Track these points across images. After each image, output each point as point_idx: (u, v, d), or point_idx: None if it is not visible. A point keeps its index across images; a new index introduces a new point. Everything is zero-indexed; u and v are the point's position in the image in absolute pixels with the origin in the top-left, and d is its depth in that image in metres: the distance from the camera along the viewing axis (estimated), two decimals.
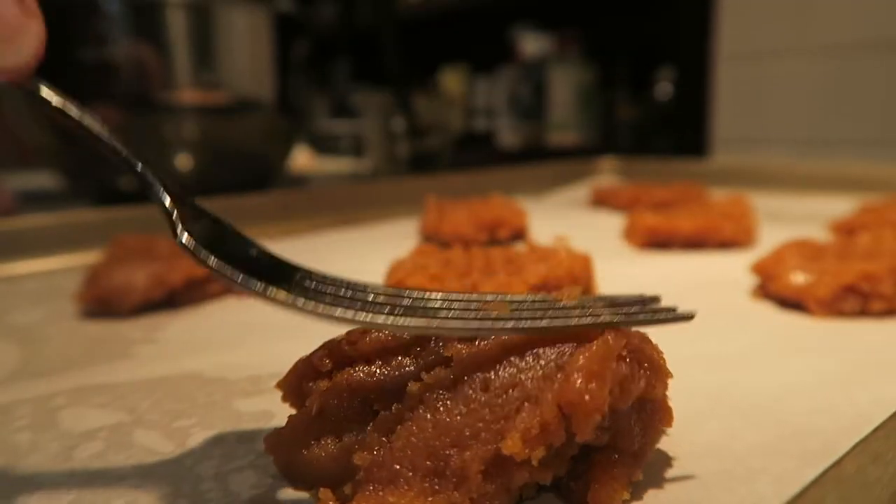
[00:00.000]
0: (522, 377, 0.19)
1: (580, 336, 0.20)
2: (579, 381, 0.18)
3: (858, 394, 0.26)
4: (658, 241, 0.56)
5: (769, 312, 0.38)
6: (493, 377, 0.19)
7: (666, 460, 0.22)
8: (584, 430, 0.18)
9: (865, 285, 0.36)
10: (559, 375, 0.19)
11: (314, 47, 1.30)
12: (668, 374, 0.21)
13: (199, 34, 0.83)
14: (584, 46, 1.71)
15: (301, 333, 0.36)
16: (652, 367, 0.20)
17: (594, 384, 0.18)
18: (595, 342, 0.19)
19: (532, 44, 1.76)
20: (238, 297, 0.44)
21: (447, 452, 0.18)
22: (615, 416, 0.19)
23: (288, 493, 0.20)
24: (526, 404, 0.18)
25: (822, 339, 0.33)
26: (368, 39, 1.78)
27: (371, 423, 0.20)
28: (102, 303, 0.40)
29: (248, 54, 0.88)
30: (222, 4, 0.83)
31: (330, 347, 0.22)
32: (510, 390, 0.19)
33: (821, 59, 1.12)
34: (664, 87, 1.56)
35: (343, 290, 0.22)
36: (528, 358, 0.20)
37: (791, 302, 0.38)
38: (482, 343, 0.20)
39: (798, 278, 0.39)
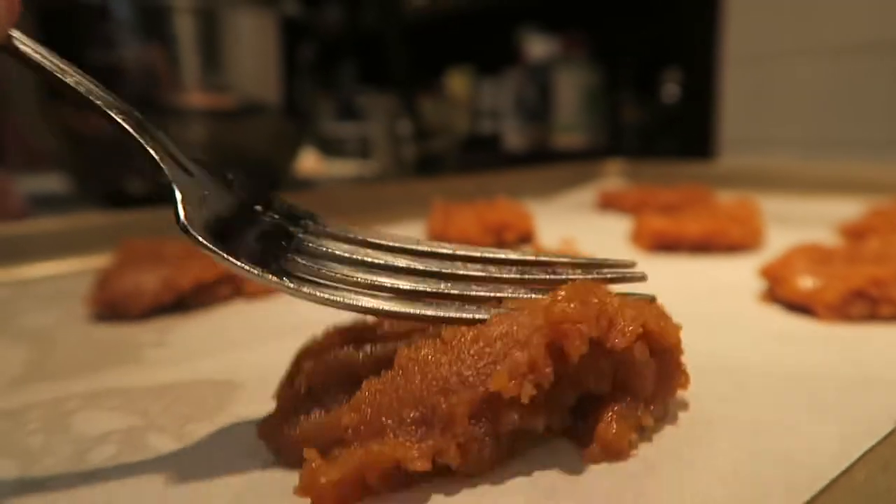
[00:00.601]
0: (512, 327, 0.19)
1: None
2: (562, 303, 0.19)
3: (867, 400, 0.26)
4: (665, 245, 0.56)
5: (777, 317, 0.38)
6: (481, 330, 0.20)
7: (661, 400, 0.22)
8: (573, 342, 0.18)
9: (874, 290, 0.36)
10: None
11: (320, 50, 1.30)
12: (676, 325, 0.21)
13: (206, 38, 0.83)
14: (590, 48, 1.71)
15: (310, 335, 0.36)
16: (657, 313, 0.21)
17: (576, 304, 0.19)
18: (575, 283, 0.20)
19: (538, 46, 1.76)
20: (246, 299, 0.44)
21: (435, 400, 0.18)
22: (617, 360, 0.20)
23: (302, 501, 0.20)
24: (514, 349, 0.18)
25: (831, 344, 0.33)
26: (374, 42, 1.78)
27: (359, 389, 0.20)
28: (112, 306, 0.40)
29: (254, 57, 0.88)
30: (229, 8, 0.84)
31: (324, 332, 0.22)
32: (500, 340, 0.19)
33: (828, 60, 1.12)
34: (670, 90, 1.55)
35: (343, 253, 0.22)
36: (516, 310, 0.20)
37: (799, 306, 0.38)
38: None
39: (806, 282, 0.38)
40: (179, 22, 0.82)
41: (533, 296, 0.22)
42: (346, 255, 0.22)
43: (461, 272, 0.22)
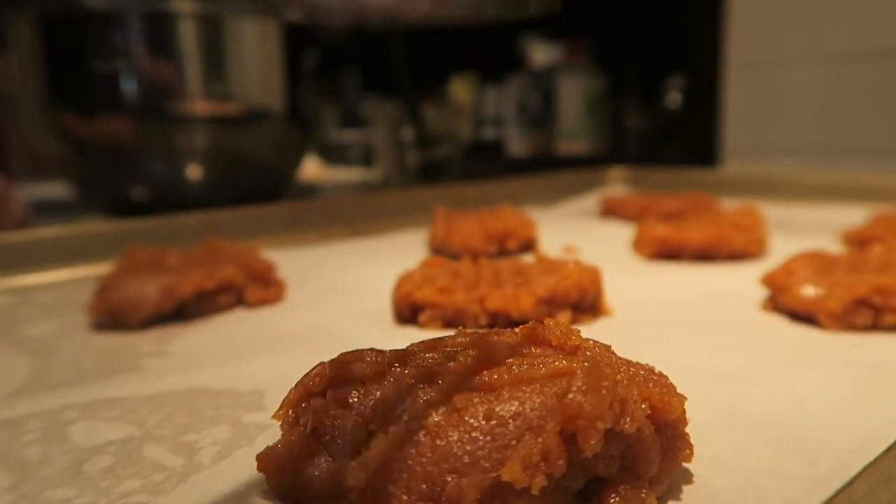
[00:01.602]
0: (525, 408, 0.19)
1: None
2: (577, 395, 0.18)
3: (870, 411, 0.26)
4: (668, 253, 0.56)
5: (780, 325, 0.38)
6: (496, 406, 0.19)
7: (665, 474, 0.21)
8: (588, 440, 0.18)
9: (877, 298, 0.36)
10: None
11: (324, 57, 1.30)
12: (680, 396, 0.21)
13: (210, 45, 0.84)
14: (593, 55, 1.71)
15: (311, 346, 0.36)
16: (660, 386, 0.20)
17: (591, 396, 0.18)
18: (587, 366, 0.20)
19: (541, 53, 1.77)
20: (248, 308, 0.44)
21: (445, 479, 0.18)
22: (626, 442, 0.19)
23: None
24: (527, 434, 0.18)
25: (834, 353, 0.33)
26: (377, 49, 1.78)
27: (366, 444, 0.19)
28: (113, 315, 0.40)
29: (258, 65, 0.88)
30: (233, 16, 0.84)
31: (324, 367, 0.22)
32: (512, 420, 0.19)
33: (832, 67, 1.11)
34: (674, 96, 1.55)
35: None
36: (530, 389, 0.20)
37: (802, 315, 0.38)
38: (486, 371, 0.20)
39: (809, 291, 0.38)
40: (183, 29, 0.82)
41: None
42: None
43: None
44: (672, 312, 0.41)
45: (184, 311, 0.42)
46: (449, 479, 0.18)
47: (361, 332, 0.39)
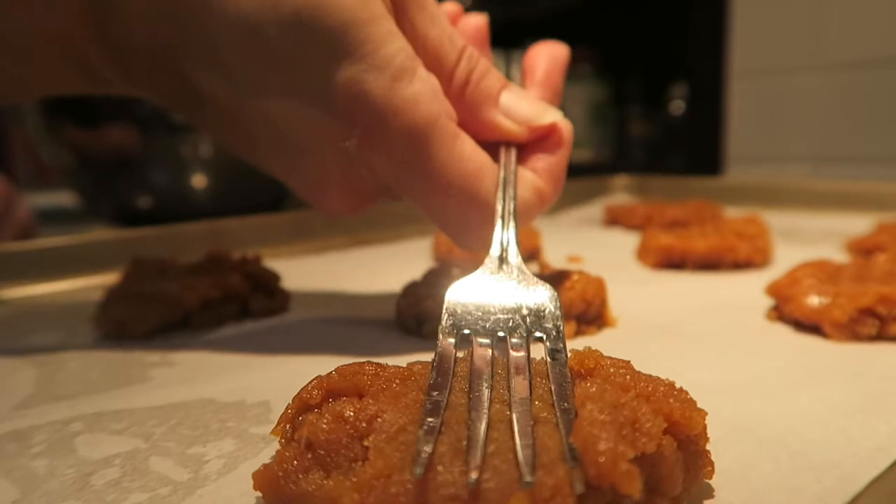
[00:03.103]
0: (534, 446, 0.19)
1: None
2: (593, 454, 0.18)
3: (876, 424, 0.26)
4: (672, 262, 0.56)
5: (785, 335, 0.38)
6: (496, 438, 0.19)
7: (685, 493, 0.21)
8: (625, 488, 0.17)
9: (882, 308, 0.36)
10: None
11: None
12: (701, 411, 0.20)
13: None
14: (596, 64, 1.71)
15: (316, 355, 0.36)
16: (681, 401, 0.20)
17: (608, 450, 0.18)
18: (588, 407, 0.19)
19: None
20: (254, 319, 0.44)
21: None
22: (649, 462, 0.19)
23: None
24: (540, 471, 0.18)
25: (839, 364, 0.33)
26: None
27: (360, 461, 0.19)
28: (118, 325, 0.40)
29: None
30: None
31: (322, 381, 0.22)
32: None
33: (835, 75, 1.11)
34: (677, 104, 1.56)
35: None
36: (541, 431, 0.19)
37: (807, 325, 0.38)
38: (487, 397, 0.20)
39: (813, 301, 0.38)
40: None
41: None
42: None
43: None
44: (676, 322, 0.41)
45: (189, 321, 0.42)
46: None
47: (366, 341, 0.39)
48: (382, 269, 0.59)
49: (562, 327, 0.27)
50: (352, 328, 0.41)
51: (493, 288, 0.30)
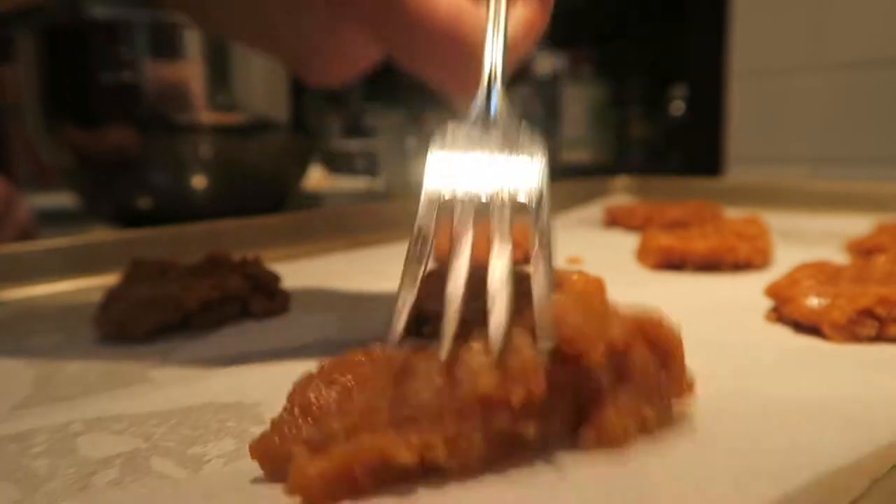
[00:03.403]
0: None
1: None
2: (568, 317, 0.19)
3: (876, 426, 0.26)
4: (672, 263, 0.56)
5: (784, 337, 0.38)
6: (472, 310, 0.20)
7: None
8: (590, 353, 0.19)
9: (881, 310, 0.36)
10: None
11: None
12: (675, 328, 0.22)
13: (215, 56, 0.84)
14: (596, 65, 1.71)
15: (316, 357, 0.36)
16: (653, 316, 0.21)
17: (571, 314, 0.19)
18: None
19: (544, 62, 1.77)
20: (255, 319, 0.44)
21: (424, 399, 0.19)
22: (617, 352, 0.20)
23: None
24: (508, 356, 0.19)
25: (838, 365, 0.33)
26: (382, 58, 1.79)
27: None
28: (118, 326, 0.40)
29: (263, 75, 0.89)
30: None
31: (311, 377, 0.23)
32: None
33: (836, 75, 1.12)
34: (677, 105, 1.56)
35: None
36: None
37: (806, 326, 0.38)
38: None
39: (813, 302, 0.38)
40: (188, 40, 0.82)
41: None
42: None
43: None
44: (675, 323, 0.41)
45: (189, 322, 0.42)
46: (430, 398, 0.19)
47: (366, 342, 0.39)
48: (383, 270, 0.59)
49: (545, 193, 0.27)
50: (352, 329, 0.42)
51: (477, 143, 0.28)
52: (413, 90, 1.49)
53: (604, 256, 0.62)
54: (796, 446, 0.23)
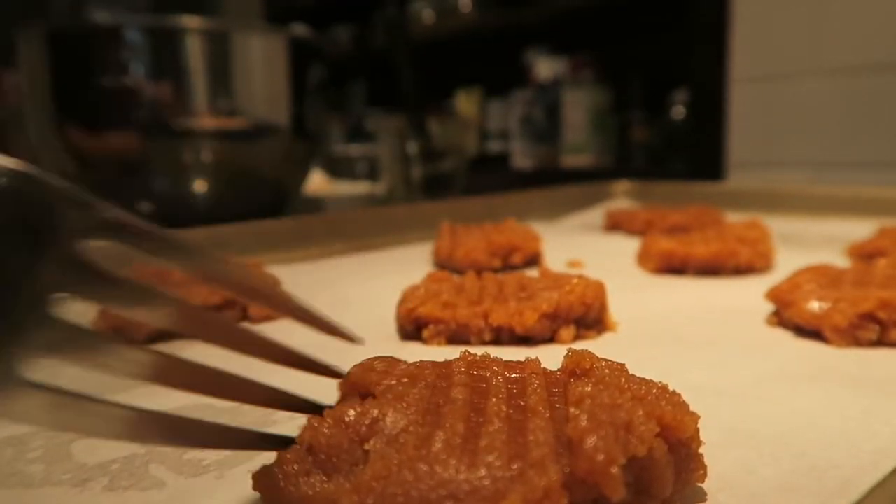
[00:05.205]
0: (528, 439, 0.19)
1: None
2: (589, 448, 0.18)
3: (877, 427, 0.25)
4: (673, 267, 0.56)
5: (785, 341, 0.38)
6: (495, 437, 0.19)
7: (677, 495, 0.21)
8: (613, 493, 0.17)
9: (883, 314, 0.36)
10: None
11: (330, 72, 1.31)
12: (693, 415, 0.20)
13: (216, 60, 0.84)
14: (597, 69, 1.71)
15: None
16: (673, 405, 0.20)
17: (600, 441, 0.18)
18: (588, 404, 0.19)
19: (546, 67, 1.77)
20: (253, 324, 0.44)
21: None
22: (638, 465, 0.19)
23: None
24: (531, 471, 0.18)
25: (839, 368, 0.33)
26: (383, 63, 1.79)
27: (362, 465, 0.19)
28: (118, 331, 0.40)
29: (264, 80, 0.89)
30: (239, 31, 0.85)
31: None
32: (509, 444, 0.18)
33: (837, 80, 1.11)
34: (678, 110, 1.56)
35: None
36: (534, 425, 0.19)
37: (808, 330, 0.38)
38: (486, 398, 0.20)
39: (814, 306, 0.38)
40: (190, 44, 0.82)
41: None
42: None
43: None
44: (677, 327, 0.41)
45: None
46: None
47: (365, 347, 0.39)
48: (383, 274, 0.59)
49: None
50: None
51: None
52: (413, 95, 1.49)
53: (605, 260, 0.61)
54: None
